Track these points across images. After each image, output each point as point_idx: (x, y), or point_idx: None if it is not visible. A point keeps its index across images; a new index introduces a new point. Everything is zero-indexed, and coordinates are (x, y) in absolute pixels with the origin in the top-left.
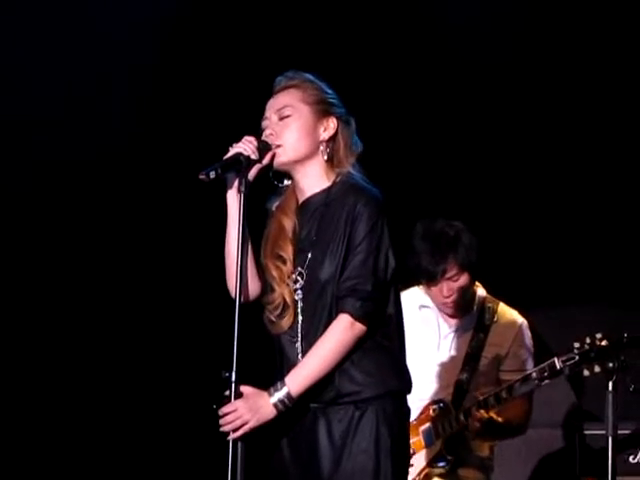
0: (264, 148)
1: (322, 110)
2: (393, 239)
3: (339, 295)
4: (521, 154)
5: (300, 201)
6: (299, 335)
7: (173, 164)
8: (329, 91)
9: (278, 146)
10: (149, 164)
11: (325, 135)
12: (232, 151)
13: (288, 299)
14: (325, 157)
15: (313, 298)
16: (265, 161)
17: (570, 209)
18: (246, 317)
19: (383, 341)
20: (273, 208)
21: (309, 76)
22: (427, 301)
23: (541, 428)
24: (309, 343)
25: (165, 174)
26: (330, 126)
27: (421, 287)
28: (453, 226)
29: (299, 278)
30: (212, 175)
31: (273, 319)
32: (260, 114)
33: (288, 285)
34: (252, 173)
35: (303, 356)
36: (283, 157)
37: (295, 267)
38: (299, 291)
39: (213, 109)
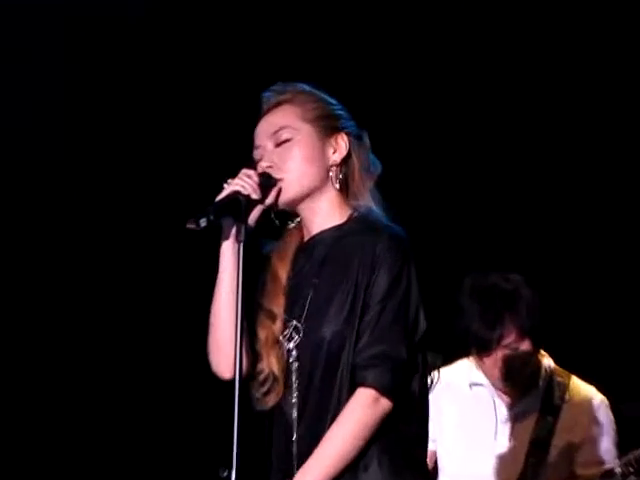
0: (267, 184)
1: (328, 126)
2: (424, 293)
3: (359, 364)
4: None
5: (305, 241)
6: (293, 414)
7: (154, 209)
8: (332, 102)
9: (280, 180)
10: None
11: (336, 157)
12: (228, 189)
13: (276, 368)
14: (337, 185)
15: (312, 360)
16: (269, 200)
17: None
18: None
19: (399, 424)
20: (270, 254)
21: (304, 86)
22: (479, 377)
23: None
24: (308, 426)
25: (146, 220)
26: (340, 145)
27: (472, 359)
28: (510, 280)
29: (294, 334)
30: (203, 223)
31: (258, 396)
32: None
33: (279, 347)
34: (254, 216)
35: (300, 443)
36: (289, 193)
37: (289, 320)
38: (293, 352)
39: (198, 137)
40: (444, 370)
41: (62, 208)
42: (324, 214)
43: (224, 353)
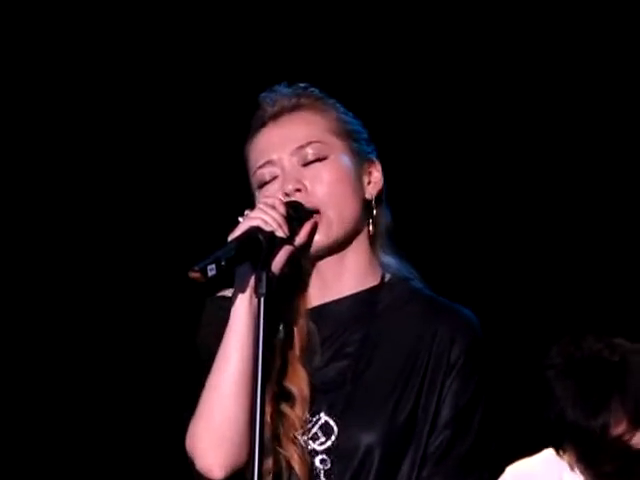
0: (297, 216)
1: (360, 149)
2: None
3: None
4: None
5: (313, 303)
6: None
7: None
8: (352, 116)
9: (316, 212)
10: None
11: (372, 191)
12: (244, 225)
13: (299, 469)
14: (372, 229)
15: (355, 476)
16: (300, 240)
17: None
18: None
19: None
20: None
21: (317, 91)
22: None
23: None
24: None
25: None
26: (375, 176)
27: (565, 454)
28: (615, 348)
29: (320, 433)
30: (212, 272)
31: None
32: None
33: (299, 445)
34: (279, 261)
35: None
36: (331, 231)
37: (313, 414)
38: (322, 457)
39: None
40: (522, 464)
41: (61, 208)
42: (354, 270)
43: (222, 449)
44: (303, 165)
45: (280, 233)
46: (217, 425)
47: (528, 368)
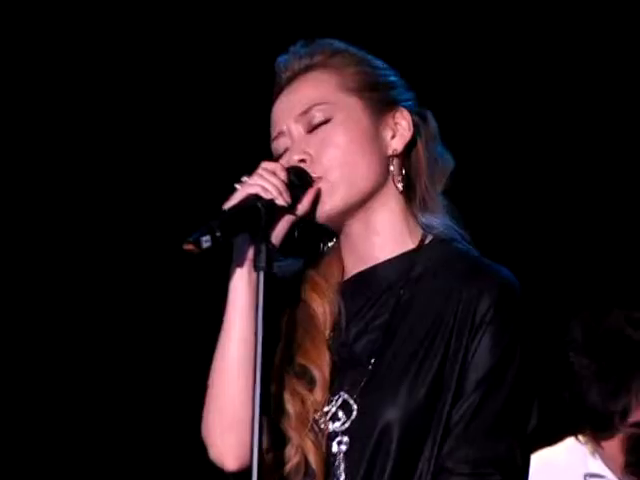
0: (300, 184)
1: (381, 99)
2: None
3: (454, 471)
4: None
5: (350, 272)
6: None
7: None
8: (380, 64)
9: (319, 179)
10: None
11: (396, 144)
12: (242, 192)
13: (313, 457)
14: (401, 186)
15: (373, 455)
16: (302, 209)
17: None
18: None
19: None
20: (300, 284)
21: (337, 44)
22: (598, 466)
23: None
24: None
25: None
26: (402, 125)
27: (585, 439)
28: (638, 323)
29: (340, 413)
30: (206, 243)
31: None
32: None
33: (316, 430)
34: (279, 232)
35: None
36: (334, 198)
37: (334, 392)
38: (341, 438)
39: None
40: (545, 453)
41: (59, 208)
42: (385, 233)
43: (233, 434)
44: (309, 131)
45: (281, 201)
46: (226, 410)
47: (547, 343)
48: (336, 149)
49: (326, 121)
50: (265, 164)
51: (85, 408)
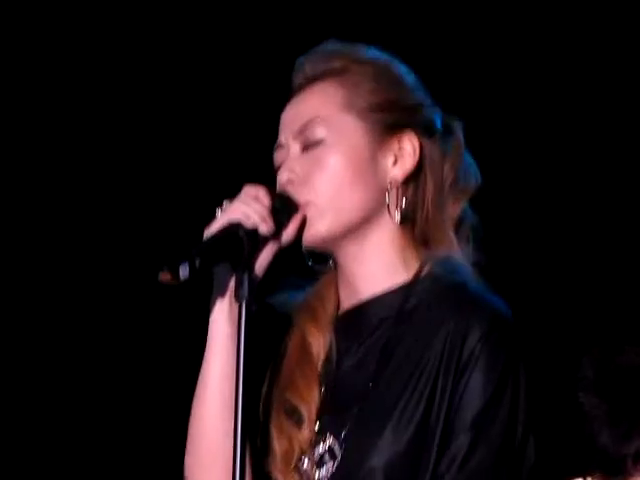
0: (284, 210)
1: (388, 121)
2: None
3: None
4: None
5: (344, 306)
6: None
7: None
8: (406, 78)
9: (305, 205)
10: None
11: (397, 172)
12: (222, 218)
13: None
14: (398, 217)
15: None
16: (288, 237)
17: None
18: None
19: None
20: (296, 314)
21: (369, 51)
22: None
23: None
24: None
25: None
26: (406, 150)
27: None
28: None
29: (327, 458)
30: (185, 273)
31: None
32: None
33: (301, 472)
34: (263, 261)
35: None
36: (319, 227)
37: (321, 434)
38: None
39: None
40: None
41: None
42: (377, 266)
43: (214, 476)
44: (304, 148)
45: (264, 229)
46: (206, 452)
47: (559, 381)
48: (326, 174)
49: (321, 141)
50: (248, 189)
51: (83, 409)
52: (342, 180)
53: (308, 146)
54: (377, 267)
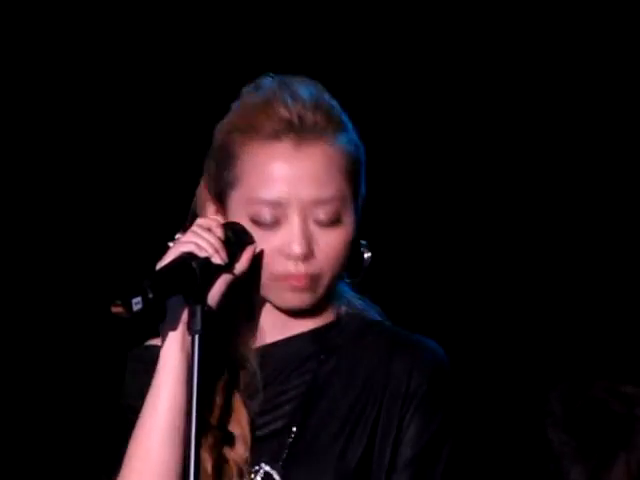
0: (238, 241)
1: (361, 191)
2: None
3: None
4: None
5: (267, 337)
6: None
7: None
8: (354, 142)
9: (308, 275)
10: None
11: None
12: (174, 250)
13: None
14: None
15: None
16: (241, 267)
17: None
18: None
19: None
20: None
21: (331, 106)
22: None
23: None
24: None
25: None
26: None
27: None
28: (622, 397)
29: None
30: (137, 306)
31: None
32: None
33: None
34: (216, 292)
35: None
36: (313, 299)
37: (253, 464)
38: None
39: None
40: None
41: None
42: (316, 307)
43: None
44: (323, 224)
45: (217, 259)
46: None
47: (524, 415)
48: (334, 257)
49: (337, 221)
50: (200, 221)
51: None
52: (344, 256)
53: (324, 223)
54: (313, 309)
